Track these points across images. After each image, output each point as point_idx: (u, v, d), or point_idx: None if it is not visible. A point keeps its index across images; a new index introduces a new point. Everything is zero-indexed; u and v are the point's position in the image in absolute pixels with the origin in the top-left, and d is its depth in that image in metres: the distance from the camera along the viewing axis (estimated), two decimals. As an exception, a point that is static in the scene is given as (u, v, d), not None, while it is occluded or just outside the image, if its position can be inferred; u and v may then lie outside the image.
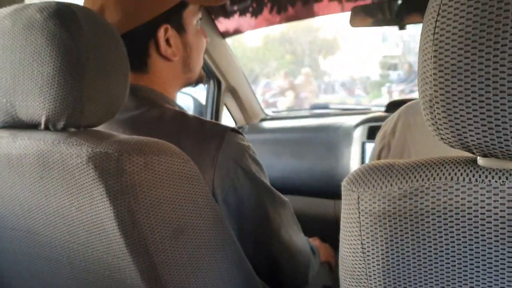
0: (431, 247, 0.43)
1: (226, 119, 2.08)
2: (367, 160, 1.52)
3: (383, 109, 1.84)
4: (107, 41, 0.63)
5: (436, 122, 0.41)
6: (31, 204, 0.64)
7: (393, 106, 1.77)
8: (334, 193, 1.60)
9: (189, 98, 2.14)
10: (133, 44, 0.78)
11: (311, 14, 2.05)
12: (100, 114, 0.63)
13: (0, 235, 0.70)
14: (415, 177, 0.43)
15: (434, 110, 0.41)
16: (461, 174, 0.41)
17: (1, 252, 0.72)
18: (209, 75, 1.91)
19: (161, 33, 0.81)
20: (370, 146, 1.57)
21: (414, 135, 0.78)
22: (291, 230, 0.84)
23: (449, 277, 0.43)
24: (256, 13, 1.92)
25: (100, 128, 0.66)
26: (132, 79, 0.69)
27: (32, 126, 0.64)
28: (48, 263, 0.68)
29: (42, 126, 0.62)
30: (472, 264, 0.42)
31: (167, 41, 0.83)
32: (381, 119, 1.61)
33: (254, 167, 0.79)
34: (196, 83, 0.95)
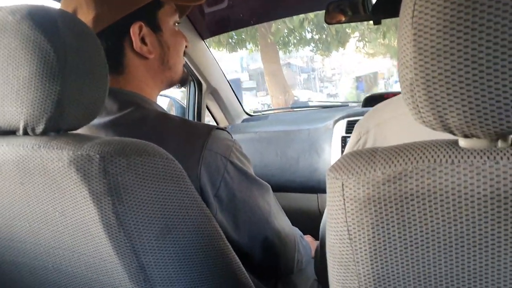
0: (417, 229, 0.43)
1: (208, 121, 2.08)
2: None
3: (360, 104, 1.89)
4: (86, 42, 0.62)
5: (418, 105, 0.42)
6: (13, 211, 0.63)
7: (369, 101, 1.85)
8: (317, 188, 1.63)
9: (171, 101, 2.13)
10: (108, 43, 0.80)
11: (285, 13, 2.09)
12: (80, 117, 0.62)
13: None
14: (398, 161, 0.43)
15: (415, 94, 0.41)
16: (444, 156, 0.41)
17: None
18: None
19: (134, 29, 0.81)
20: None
21: (385, 134, 0.80)
22: (277, 215, 0.87)
23: (435, 258, 0.43)
24: (233, 13, 1.93)
25: (83, 132, 0.65)
26: (109, 81, 0.68)
27: (10, 132, 0.63)
28: (34, 271, 0.67)
29: (21, 131, 0.61)
30: (458, 244, 0.42)
31: (143, 39, 0.83)
32: (359, 114, 1.66)
33: (242, 160, 0.80)
34: (181, 83, 0.95)
